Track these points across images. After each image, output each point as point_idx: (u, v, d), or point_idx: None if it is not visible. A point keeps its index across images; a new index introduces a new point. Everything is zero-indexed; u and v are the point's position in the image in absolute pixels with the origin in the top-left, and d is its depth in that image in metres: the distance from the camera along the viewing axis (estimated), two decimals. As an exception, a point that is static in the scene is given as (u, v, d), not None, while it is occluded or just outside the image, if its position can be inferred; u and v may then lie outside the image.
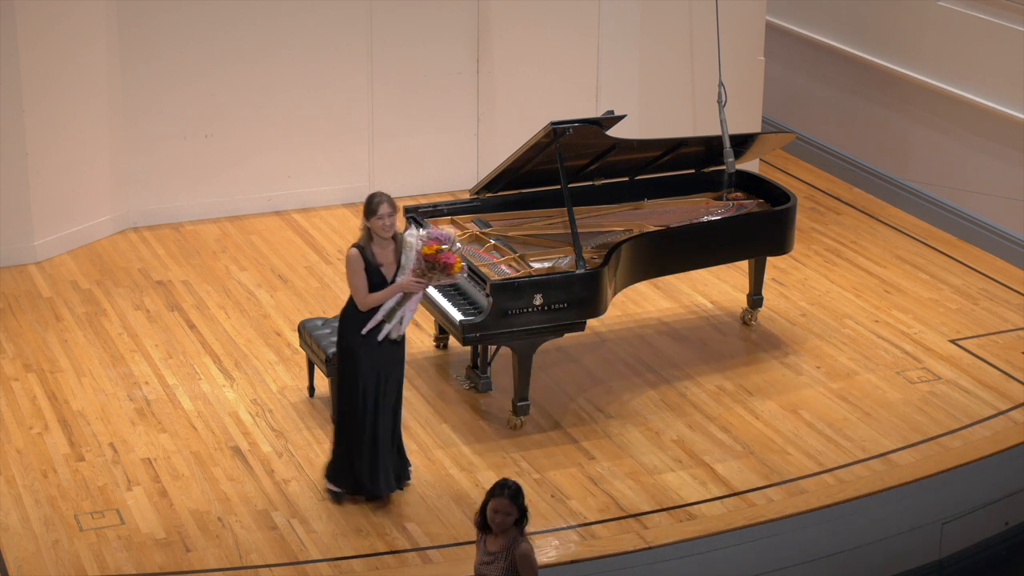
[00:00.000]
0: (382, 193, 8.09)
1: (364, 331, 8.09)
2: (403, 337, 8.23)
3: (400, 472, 8.45)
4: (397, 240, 8.13)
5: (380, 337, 8.11)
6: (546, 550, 7.95)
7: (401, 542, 8.02)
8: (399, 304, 8.13)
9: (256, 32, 11.75)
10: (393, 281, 8.10)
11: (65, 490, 8.39)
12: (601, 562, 7.93)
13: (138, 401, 9.34)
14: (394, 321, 8.13)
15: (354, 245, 8.10)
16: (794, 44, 13.88)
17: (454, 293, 9.16)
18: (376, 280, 8.08)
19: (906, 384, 9.78)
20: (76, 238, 11.44)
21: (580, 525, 8.21)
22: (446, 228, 8.19)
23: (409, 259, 8.11)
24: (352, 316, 8.15)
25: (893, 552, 8.69)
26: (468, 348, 9.55)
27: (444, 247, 8.11)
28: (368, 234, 8.10)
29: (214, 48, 11.66)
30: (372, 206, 8.05)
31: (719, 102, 10.86)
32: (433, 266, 8.08)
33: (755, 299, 10.47)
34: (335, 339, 9.05)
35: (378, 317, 8.10)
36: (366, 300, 8.08)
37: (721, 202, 10.25)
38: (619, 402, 9.48)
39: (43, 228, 11.20)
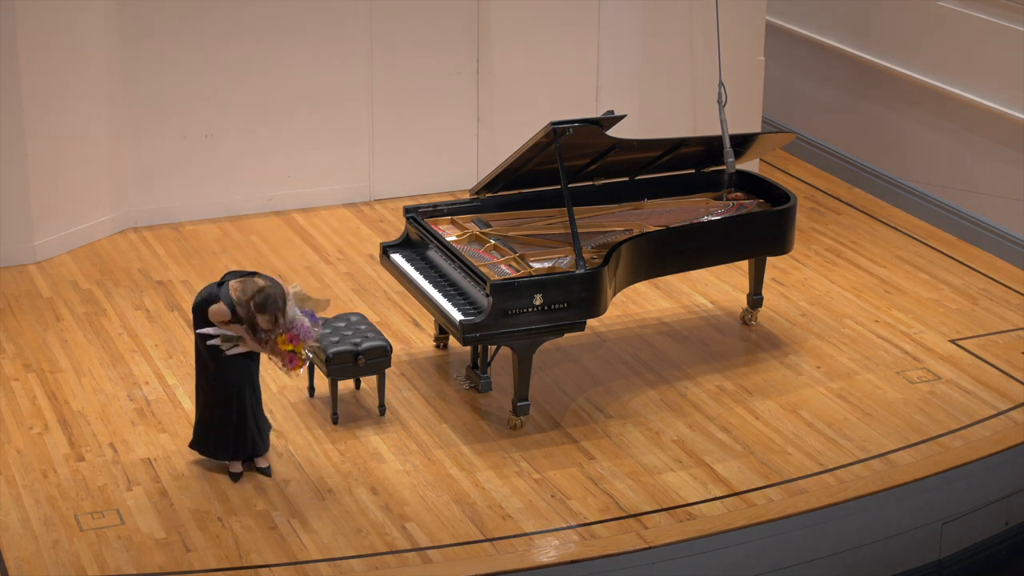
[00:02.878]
0: (277, 301, 8.11)
1: (198, 331, 8.25)
2: None
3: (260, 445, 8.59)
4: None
5: (209, 343, 8.23)
6: (546, 550, 7.95)
7: (401, 542, 8.02)
8: (239, 338, 8.21)
9: (256, 32, 11.75)
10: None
11: (65, 490, 8.39)
12: (601, 562, 7.93)
13: (138, 401, 9.34)
14: (229, 343, 8.24)
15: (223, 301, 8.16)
16: (794, 44, 13.88)
17: (454, 293, 9.16)
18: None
19: (906, 384, 9.78)
20: (76, 238, 11.44)
21: (580, 525, 8.21)
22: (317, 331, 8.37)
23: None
24: (205, 310, 8.26)
25: (893, 552, 8.69)
26: (468, 348, 9.56)
27: (298, 349, 8.14)
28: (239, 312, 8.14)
29: (214, 48, 11.66)
30: (263, 305, 8.08)
31: (719, 102, 10.86)
32: (275, 350, 8.14)
33: (755, 299, 10.47)
34: (335, 340, 9.08)
35: (212, 331, 8.21)
36: (216, 313, 8.19)
37: (721, 202, 10.25)
38: (619, 402, 9.48)
39: (43, 228, 11.20)
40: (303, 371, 8.37)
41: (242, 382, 8.36)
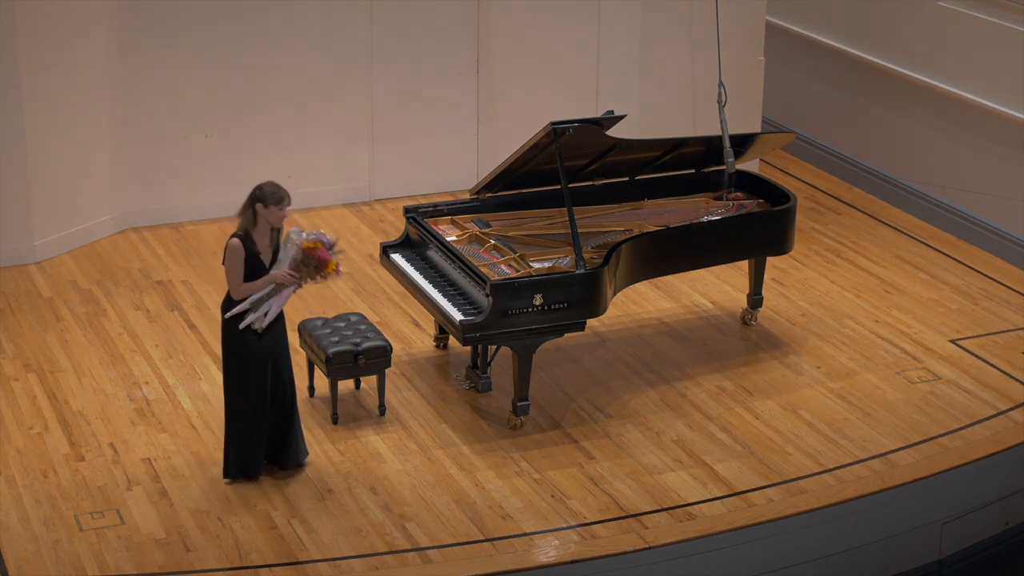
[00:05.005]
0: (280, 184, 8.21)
1: (227, 315, 8.18)
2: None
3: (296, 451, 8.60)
4: (274, 230, 8.23)
5: (241, 326, 8.19)
6: (546, 550, 7.95)
7: (401, 542, 8.02)
8: (268, 295, 8.20)
9: (256, 32, 11.76)
10: (269, 270, 8.19)
11: (65, 490, 8.39)
12: (601, 562, 7.93)
13: (138, 401, 9.34)
14: (259, 312, 8.21)
15: (235, 235, 8.16)
16: (794, 44, 13.88)
17: (454, 293, 9.17)
18: (256, 267, 8.17)
19: (906, 384, 9.78)
20: (76, 238, 11.44)
21: (580, 525, 8.21)
22: (331, 235, 8.36)
23: (287, 253, 8.19)
24: (230, 306, 8.23)
25: (893, 552, 8.69)
26: (468, 348, 9.56)
27: (325, 246, 8.19)
28: (252, 221, 8.17)
29: (214, 48, 11.67)
30: (278, 196, 8.15)
31: (719, 102, 10.86)
32: (307, 261, 8.14)
33: (755, 299, 10.47)
34: (335, 340, 9.08)
35: (244, 305, 8.17)
36: (240, 289, 8.16)
37: (721, 202, 10.25)
38: (619, 402, 9.48)
39: (43, 228, 11.20)
40: (338, 275, 8.32)
41: (288, 381, 8.39)
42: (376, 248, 10.97)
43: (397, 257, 9.72)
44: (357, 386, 9.51)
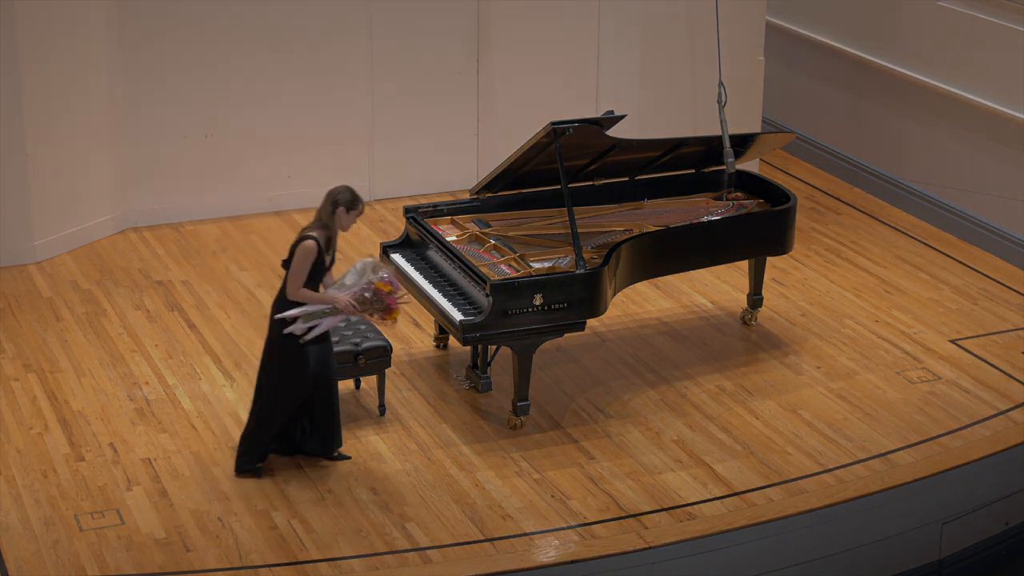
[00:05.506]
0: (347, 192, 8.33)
1: (277, 316, 8.20)
2: None
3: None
4: (333, 230, 8.30)
5: (285, 331, 8.21)
6: (546, 550, 7.95)
7: (401, 542, 8.02)
8: (323, 313, 8.22)
9: (256, 32, 11.75)
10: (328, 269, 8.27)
11: (65, 490, 8.39)
12: (601, 562, 7.93)
13: (138, 401, 9.34)
14: (306, 324, 8.23)
15: (310, 236, 8.19)
16: (794, 44, 13.88)
17: (454, 293, 9.16)
18: (319, 270, 8.21)
19: (906, 384, 9.78)
20: (76, 238, 11.44)
21: (580, 525, 8.21)
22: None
23: (357, 282, 8.23)
24: (283, 305, 8.24)
25: (893, 552, 8.69)
26: (468, 348, 9.56)
27: (396, 294, 8.22)
28: (326, 221, 8.24)
29: (214, 48, 11.66)
30: (354, 200, 8.27)
31: (719, 102, 10.86)
32: (375, 301, 8.18)
33: (755, 299, 10.47)
34: (335, 340, 9.06)
35: (296, 312, 8.18)
36: (298, 293, 8.18)
37: (721, 202, 10.25)
38: (619, 402, 9.48)
39: (43, 228, 11.20)
40: (393, 324, 8.38)
41: (329, 372, 8.45)
42: (376, 248, 10.97)
43: (397, 257, 9.72)
44: (357, 386, 9.51)
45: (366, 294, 8.19)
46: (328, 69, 12.02)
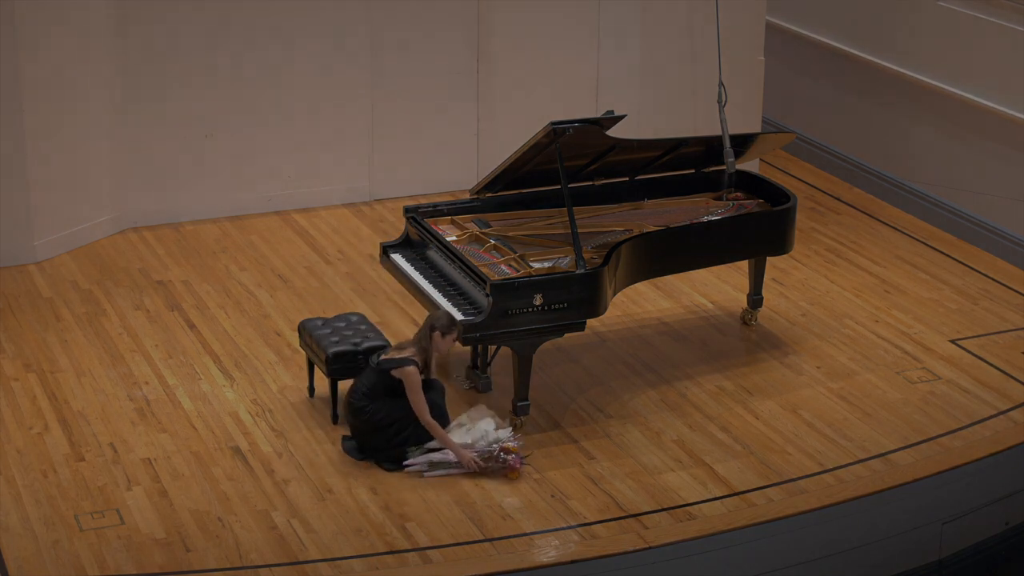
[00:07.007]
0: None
1: (405, 465, 8.58)
2: None
3: None
4: (429, 353, 8.64)
5: (405, 464, 8.59)
6: (546, 550, 7.95)
7: (401, 542, 8.02)
8: (446, 466, 8.56)
9: (256, 32, 11.75)
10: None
11: (65, 490, 8.39)
12: (601, 562, 7.93)
13: (138, 401, 9.34)
14: (425, 465, 8.58)
15: (412, 361, 8.52)
16: (794, 44, 13.88)
17: (454, 293, 9.16)
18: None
19: (906, 384, 9.78)
20: (76, 238, 11.44)
21: (580, 525, 8.20)
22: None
23: (484, 441, 8.58)
24: (415, 422, 8.60)
25: (893, 552, 8.69)
26: (468, 348, 9.55)
27: (518, 461, 8.55)
28: (424, 345, 8.59)
29: (214, 48, 11.66)
30: (453, 327, 8.59)
31: (719, 102, 10.86)
32: (499, 461, 8.51)
33: (755, 299, 10.47)
34: (335, 340, 9.07)
35: (421, 460, 8.56)
36: (427, 421, 8.55)
37: (721, 202, 10.25)
38: (619, 402, 9.48)
39: (43, 228, 11.20)
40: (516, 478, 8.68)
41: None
42: (376, 248, 10.97)
43: (397, 257, 9.72)
44: (357, 386, 9.51)
45: (494, 453, 8.54)
46: (328, 69, 12.02)
